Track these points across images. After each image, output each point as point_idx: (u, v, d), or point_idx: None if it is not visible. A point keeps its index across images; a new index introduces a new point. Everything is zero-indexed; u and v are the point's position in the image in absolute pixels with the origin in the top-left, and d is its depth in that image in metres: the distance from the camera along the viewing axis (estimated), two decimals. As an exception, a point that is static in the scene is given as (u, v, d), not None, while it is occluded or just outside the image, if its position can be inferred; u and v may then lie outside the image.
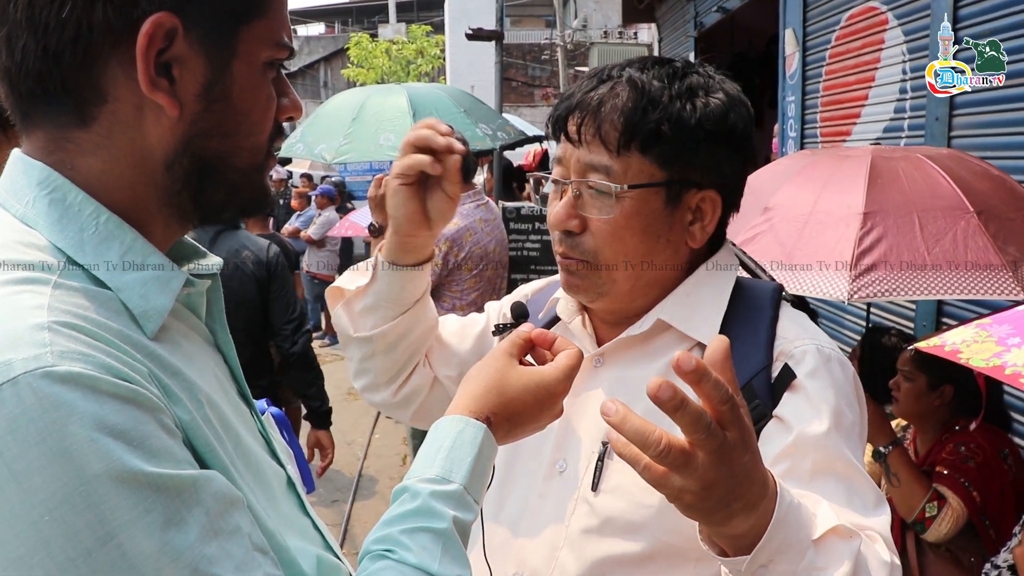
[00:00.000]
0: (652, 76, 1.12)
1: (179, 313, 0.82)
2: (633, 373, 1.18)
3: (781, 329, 1.14)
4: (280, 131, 0.85)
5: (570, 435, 1.19)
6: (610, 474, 1.13)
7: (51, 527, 0.58)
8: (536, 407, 0.96)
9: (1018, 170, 3.14)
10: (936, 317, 3.75)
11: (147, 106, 0.74)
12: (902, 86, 4.14)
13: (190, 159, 0.77)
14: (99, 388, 0.62)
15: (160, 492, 0.62)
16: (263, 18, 0.78)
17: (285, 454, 0.94)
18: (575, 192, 1.14)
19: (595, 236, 1.13)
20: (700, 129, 1.10)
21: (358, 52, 23.52)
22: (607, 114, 1.11)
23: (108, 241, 0.73)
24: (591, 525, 1.12)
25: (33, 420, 0.59)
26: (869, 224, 2.29)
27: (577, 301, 1.26)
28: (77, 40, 0.70)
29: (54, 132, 0.75)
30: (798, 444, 1.03)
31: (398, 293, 1.27)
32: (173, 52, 0.73)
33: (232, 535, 0.67)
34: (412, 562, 0.79)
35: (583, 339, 1.25)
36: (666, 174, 1.11)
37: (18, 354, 0.60)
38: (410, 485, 0.86)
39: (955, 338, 1.99)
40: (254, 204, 0.85)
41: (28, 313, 0.64)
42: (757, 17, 6.93)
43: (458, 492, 0.85)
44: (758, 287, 1.21)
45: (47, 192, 0.73)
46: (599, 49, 13.06)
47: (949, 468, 2.47)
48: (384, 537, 0.82)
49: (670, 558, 1.08)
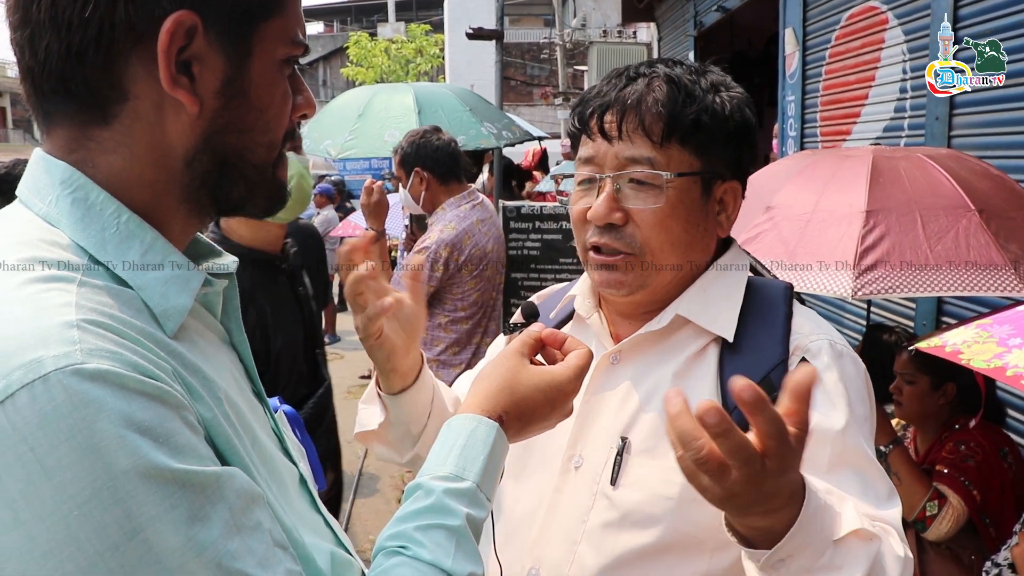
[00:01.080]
0: (683, 72, 1.18)
1: (196, 312, 0.83)
2: (651, 371, 1.20)
3: (796, 325, 1.17)
4: (295, 130, 0.86)
5: (586, 431, 1.21)
6: (629, 469, 1.15)
7: (80, 521, 0.59)
8: (547, 406, 0.97)
9: (1018, 169, 3.15)
10: (936, 316, 3.76)
11: (167, 103, 0.75)
12: (902, 85, 4.15)
13: (209, 155, 0.78)
14: (127, 385, 0.63)
15: (185, 488, 0.63)
16: (279, 16, 0.79)
17: (298, 452, 0.96)
18: (615, 186, 1.16)
19: (642, 227, 1.16)
20: (731, 120, 1.17)
21: (357, 51, 23.51)
22: (648, 108, 1.15)
23: (129, 240, 0.74)
24: (611, 519, 1.14)
25: (63, 416, 0.60)
26: (872, 222, 2.30)
27: (593, 297, 1.28)
28: (100, 39, 0.71)
29: (75, 131, 0.76)
30: (816, 436, 1.05)
31: (413, 409, 1.28)
32: (193, 50, 0.74)
33: (254, 531, 0.68)
34: (426, 558, 0.80)
35: (601, 334, 1.27)
36: (701, 164, 1.17)
37: (48, 351, 0.61)
38: (424, 482, 0.87)
39: (955, 338, 1.99)
40: (271, 202, 0.86)
41: (56, 311, 0.65)
42: (757, 16, 6.94)
43: (471, 490, 0.86)
44: (770, 284, 1.24)
45: (70, 191, 0.74)
46: (598, 48, 13.05)
47: (949, 467, 2.47)
48: (398, 533, 0.83)
49: (687, 549, 1.11)
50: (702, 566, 1.11)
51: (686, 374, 1.18)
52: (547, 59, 25.28)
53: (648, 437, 1.15)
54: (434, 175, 3.40)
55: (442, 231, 3.33)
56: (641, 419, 1.17)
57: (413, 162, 3.40)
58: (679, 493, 1.10)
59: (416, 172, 3.39)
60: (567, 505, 1.19)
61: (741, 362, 1.14)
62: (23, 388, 0.60)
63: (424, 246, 3.32)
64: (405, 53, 23.50)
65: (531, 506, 1.22)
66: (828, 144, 5.08)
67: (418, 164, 3.38)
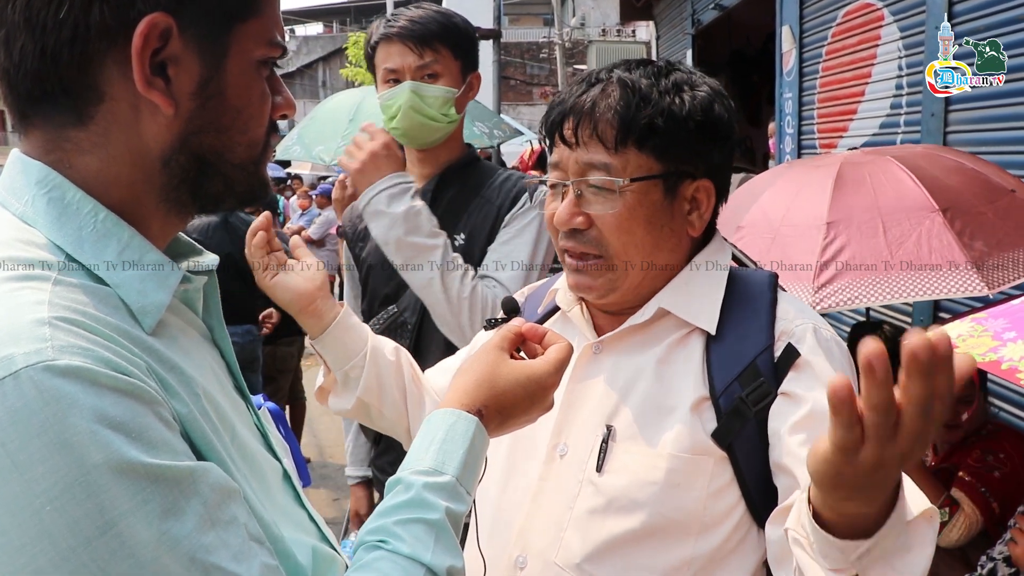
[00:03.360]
0: (639, 75, 1.18)
1: (176, 309, 0.83)
2: (632, 359, 1.21)
3: (781, 311, 1.19)
4: (275, 128, 0.87)
5: (571, 420, 1.22)
6: (615, 455, 1.16)
7: (52, 516, 0.60)
8: (527, 400, 0.98)
9: (1015, 165, 3.15)
10: (933, 312, 3.76)
11: (143, 105, 0.75)
12: (898, 82, 4.15)
13: (187, 155, 0.79)
14: (98, 381, 0.63)
15: (158, 483, 0.64)
16: (256, 17, 0.80)
17: (281, 447, 0.96)
18: (576, 192, 1.18)
19: (603, 231, 1.18)
20: (690, 120, 1.16)
21: (356, 52, 23.47)
22: (602, 114, 1.16)
23: (106, 239, 0.75)
24: (597, 505, 1.16)
25: (35, 412, 0.60)
26: (832, 234, 2.31)
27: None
28: (74, 40, 0.72)
29: (52, 132, 0.76)
30: (814, 415, 1.06)
31: (342, 351, 1.43)
32: (168, 51, 0.74)
33: (229, 525, 0.68)
34: (405, 552, 0.81)
35: (583, 327, 1.29)
36: (663, 166, 1.17)
37: (20, 348, 0.62)
38: (403, 477, 0.88)
39: (950, 333, 1.99)
40: (252, 194, 0.86)
41: (29, 309, 0.65)
42: (754, 14, 6.93)
43: (450, 484, 0.87)
44: (754, 275, 1.25)
45: (46, 191, 0.75)
46: (597, 47, 13.06)
47: (972, 475, 2.43)
48: (378, 528, 0.84)
49: (672, 533, 1.12)
50: (687, 550, 1.12)
51: (669, 360, 1.19)
52: (546, 58, 25.26)
53: (632, 424, 1.17)
54: None
55: None
56: (625, 406, 1.18)
57: None
58: (663, 478, 1.11)
59: None
60: (553, 493, 1.20)
61: (727, 350, 1.15)
62: None
63: None
64: (404, 53, 23.46)
65: (517, 495, 1.23)
66: (825, 141, 5.08)
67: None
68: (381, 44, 1.99)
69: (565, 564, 1.16)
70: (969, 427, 2.61)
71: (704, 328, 1.18)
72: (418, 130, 1.99)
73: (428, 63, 1.95)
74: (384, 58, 1.99)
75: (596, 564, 1.14)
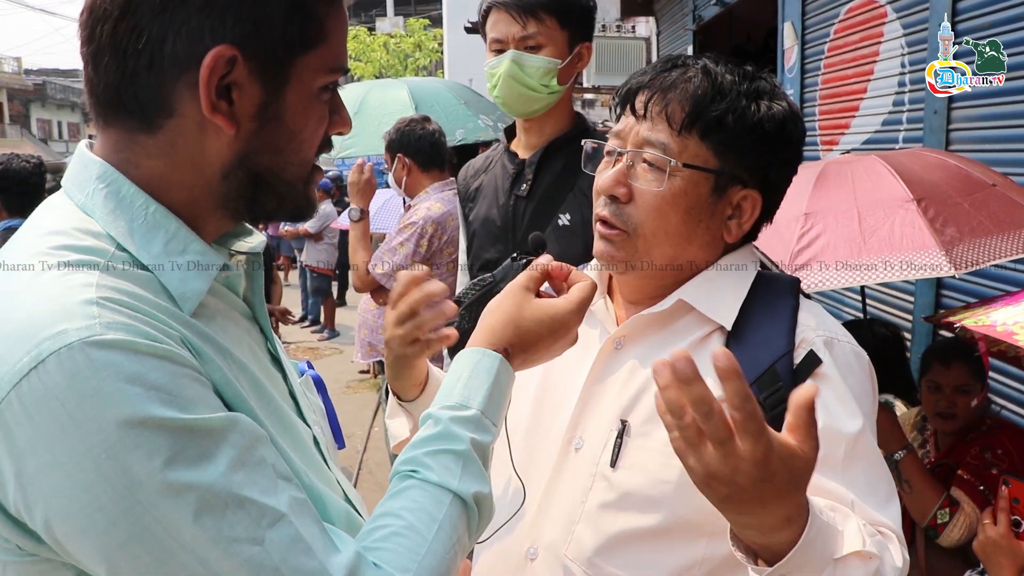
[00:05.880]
0: (725, 70, 1.19)
1: (217, 291, 0.92)
2: (653, 356, 1.19)
3: (803, 318, 1.18)
4: (328, 143, 0.94)
5: (588, 414, 1.23)
6: (629, 451, 1.17)
7: (108, 463, 0.72)
8: (550, 338, 1.06)
9: (1017, 163, 3.15)
10: (934, 307, 3.76)
11: (208, 124, 0.84)
12: (901, 79, 4.15)
13: (244, 171, 0.88)
14: (139, 350, 0.74)
15: (194, 433, 0.75)
16: (321, 46, 0.87)
17: (313, 415, 1.06)
18: (628, 162, 1.19)
19: (640, 208, 1.18)
20: (759, 128, 1.17)
21: (356, 46, 23.42)
22: (677, 95, 1.17)
23: (155, 230, 0.85)
24: (609, 500, 1.16)
25: (88, 378, 0.72)
26: (810, 223, 2.35)
27: (602, 284, 1.30)
28: (151, 66, 0.82)
29: (125, 135, 0.86)
30: (830, 431, 1.06)
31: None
32: (232, 77, 0.83)
33: (258, 465, 0.79)
34: (434, 480, 0.90)
35: (605, 321, 1.29)
36: (719, 163, 1.18)
37: (72, 324, 0.73)
38: (433, 412, 0.96)
39: (1003, 317, 1.95)
40: (300, 212, 0.95)
41: (80, 291, 0.76)
42: (755, 10, 6.93)
43: (475, 416, 0.96)
44: (778, 278, 1.25)
45: (104, 185, 0.85)
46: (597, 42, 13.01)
47: (971, 473, 2.42)
48: (410, 459, 0.92)
49: (685, 533, 1.12)
50: (699, 551, 1.12)
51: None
52: (546, 54, 25.14)
53: (647, 420, 1.17)
54: (415, 161, 3.57)
55: (429, 209, 3.43)
56: (641, 402, 1.19)
57: (396, 148, 3.58)
58: (678, 477, 1.11)
59: (399, 158, 3.57)
60: (566, 486, 1.21)
61: (747, 352, 1.14)
62: (52, 355, 0.71)
63: (411, 221, 3.41)
64: (404, 48, 23.44)
65: (531, 487, 1.23)
66: (827, 138, 5.08)
67: (401, 150, 3.57)
68: (491, 12, 2.01)
69: (575, 558, 1.17)
70: (967, 418, 2.59)
71: (721, 323, 1.18)
72: (517, 100, 1.99)
73: (531, 33, 1.96)
74: (491, 26, 2.01)
75: (606, 559, 1.15)
